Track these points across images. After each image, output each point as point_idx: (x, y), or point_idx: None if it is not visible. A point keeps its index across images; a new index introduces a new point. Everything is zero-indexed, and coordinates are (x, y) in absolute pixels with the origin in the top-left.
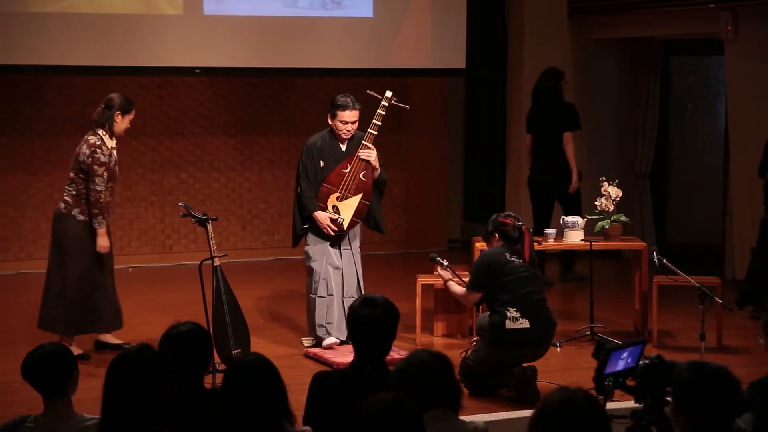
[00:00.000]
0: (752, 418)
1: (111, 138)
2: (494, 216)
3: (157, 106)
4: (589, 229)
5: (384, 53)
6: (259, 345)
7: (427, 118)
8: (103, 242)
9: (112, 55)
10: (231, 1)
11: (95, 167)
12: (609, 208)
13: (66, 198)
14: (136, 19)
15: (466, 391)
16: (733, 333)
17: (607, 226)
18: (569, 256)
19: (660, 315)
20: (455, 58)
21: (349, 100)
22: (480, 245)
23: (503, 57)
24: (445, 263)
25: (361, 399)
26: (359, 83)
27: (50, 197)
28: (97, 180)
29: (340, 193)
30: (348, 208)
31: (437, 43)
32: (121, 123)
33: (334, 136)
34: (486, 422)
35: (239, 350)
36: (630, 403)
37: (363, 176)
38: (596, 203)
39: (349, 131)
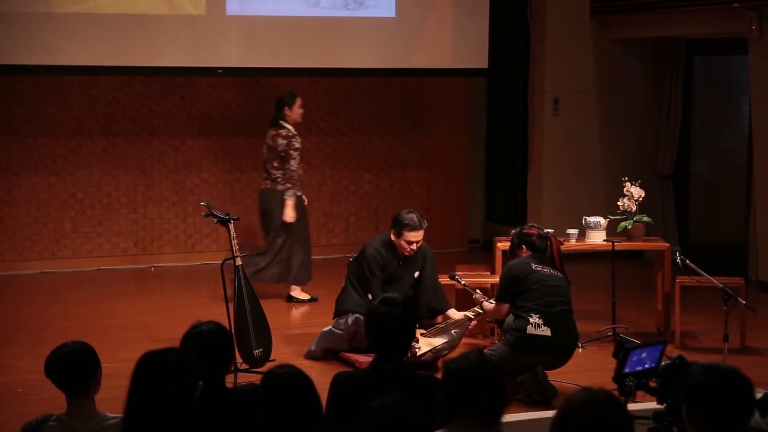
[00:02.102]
0: None
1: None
2: (518, 229)
3: (180, 106)
4: (611, 230)
5: (406, 53)
6: (280, 345)
7: (449, 119)
8: (290, 212)
9: (136, 56)
10: (253, 2)
11: (291, 152)
12: (631, 209)
13: (280, 181)
14: (159, 19)
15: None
16: (757, 334)
17: (630, 227)
18: None
19: (683, 316)
20: (477, 58)
21: (415, 218)
22: (502, 245)
23: (525, 57)
24: (463, 282)
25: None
26: (380, 83)
27: (73, 197)
28: (292, 162)
29: (428, 333)
30: (427, 346)
31: (459, 44)
32: (293, 114)
33: (394, 248)
34: (505, 423)
35: (260, 350)
36: (652, 404)
37: (453, 332)
38: (618, 203)
39: (412, 250)
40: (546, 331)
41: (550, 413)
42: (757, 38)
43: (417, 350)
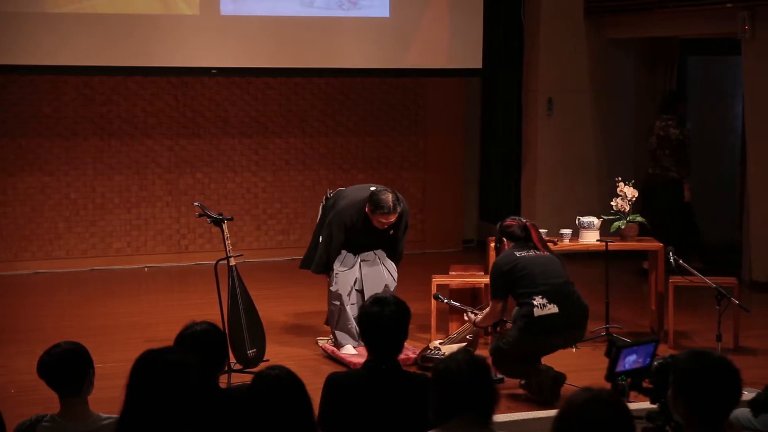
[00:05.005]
0: None
1: None
2: (498, 224)
3: (173, 107)
4: (605, 230)
5: (400, 53)
6: (273, 345)
7: (444, 119)
8: (687, 193)
9: (130, 56)
10: (248, 2)
11: (683, 138)
12: (625, 209)
13: (672, 168)
14: (153, 19)
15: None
16: (750, 334)
17: (623, 227)
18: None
19: (676, 316)
20: (472, 58)
21: (390, 203)
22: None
23: (519, 57)
24: (445, 300)
25: (375, 399)
26: (375, 83)
27: (67, 197)
28: (687, 150)
29: (447, 341)
30: (449, 351)
31: (454, 44)
32: (681, 109)
33: (370, 217)
34: (505, 422)
35: (254, 350)
36: (645, 404)
37: (469, 337)
38: (612, 203)
39: (384, 227)
40: (553, 309)
41: (549, 413)
42: (751, 38)
43: (442, 357)
